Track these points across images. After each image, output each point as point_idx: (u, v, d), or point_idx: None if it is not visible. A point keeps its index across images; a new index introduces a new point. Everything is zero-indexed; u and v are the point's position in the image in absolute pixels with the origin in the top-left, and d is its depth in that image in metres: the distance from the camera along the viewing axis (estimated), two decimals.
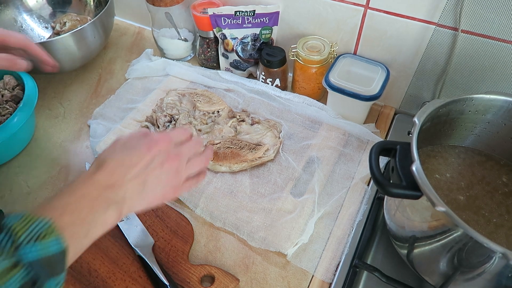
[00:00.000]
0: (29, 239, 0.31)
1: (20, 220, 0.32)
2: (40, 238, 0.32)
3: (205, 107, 0.74)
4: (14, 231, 0.31)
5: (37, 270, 0.31)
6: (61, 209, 0.36)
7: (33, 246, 0.31)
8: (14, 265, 0.30)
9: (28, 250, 0.31)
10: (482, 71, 0.62)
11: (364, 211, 0.60)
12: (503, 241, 0.45)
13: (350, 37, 0.71)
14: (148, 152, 0.43)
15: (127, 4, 0.95)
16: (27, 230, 0.32)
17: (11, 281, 0.30)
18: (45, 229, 0.32)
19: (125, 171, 0.41)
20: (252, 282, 0.55)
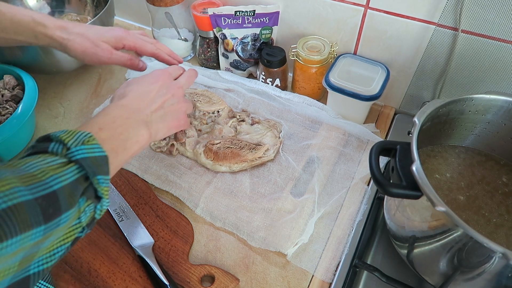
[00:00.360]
0: (76, 143, 0.36)
1: (65, 133, 0.37)
2: (85, 143, 0.36)
3: (205, 107, 0.74)
4: (62, 138, 0.36)
5: (86, 167, 0.36)
6: (98, 127, 0.41)
7: (80, 148, 0.36)
8: (68, 162, 0.35)
9: (77, 151, 0.36)
10: (482, 71, 0.62)
11: (364, 211, 0.60)
12: (503, 241, 0.45)
13: (350, 37, 0.71)
14: (156, 82, 0.51)
15: (127, 4, 0.95)
16: (73, 138, 0.36)
17: (66, 172, 0.34)
18: (88, 137, 0.37)
19: (145, 97, 0.49)
20: (252, 282, 0.55)
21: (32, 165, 0.33)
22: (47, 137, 0.37)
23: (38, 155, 0.35)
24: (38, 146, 0.36)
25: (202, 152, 0.67)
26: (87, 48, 0.57)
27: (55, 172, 0.34)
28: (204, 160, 0.66)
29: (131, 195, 0.63)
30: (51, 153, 0.36)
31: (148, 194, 0.63)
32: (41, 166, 0.33)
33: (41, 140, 0.37)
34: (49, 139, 0.37)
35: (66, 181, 0.34)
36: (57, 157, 0.35)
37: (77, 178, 0.35)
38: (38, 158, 0.34)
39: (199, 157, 0.67)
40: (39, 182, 0.32)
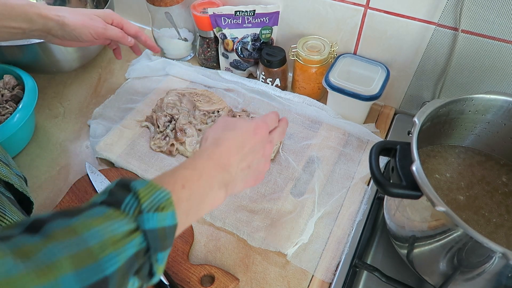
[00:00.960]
0: (150, 207, 0.32)
1: (145, 187, 0.33)
2: (160, 209, 0.32)
3: (205, 106, 0.74)
4: (139, 196, 0.32)
5: (151, 239, 0.31)
6: (182, 183, 0.37)
7: (153, 216, 0.32)
8: (135, 230, 0.31)
9: (148, 218, 0.31)
10: (482, 71, 0.62)
11: (364, 211, 0.60)
12: (503, 241, 0.45)
13: (350, 37, 0.71)
14: (254, 136, 0.46)
15: (127, 4, 0.95)
16: (150, 198, 0.32)
17: (130, 244, 0.30)
18: (164, 201, 0.33)
19: (237, 152, 0.43)
20: (252, 282, 0.55)
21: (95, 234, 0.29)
22: (127, 185, 0.33)
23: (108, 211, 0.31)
24: (115, 195, 0.33)
25: None
26: (84, 20, 0.60)
27: (115, 247, 0.29)
28: None
29: None
30: (123, 211, 0.31)
31: None
32: (105, 236, 0.29)
33: (121, 186, 0.33)
34: (128, 189, 0.33)
35: (124, 259, 0.29)
36: (125, 220, 0.31)
37: (137, 252, 0.31)
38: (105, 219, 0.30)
39: None
40: (93, 263, 0.28)
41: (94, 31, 0.61)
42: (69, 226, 0.28)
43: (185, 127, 0.70)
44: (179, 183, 0.37)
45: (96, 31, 0.61)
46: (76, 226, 0.29)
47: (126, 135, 0.71)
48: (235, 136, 0.44)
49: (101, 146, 0.69)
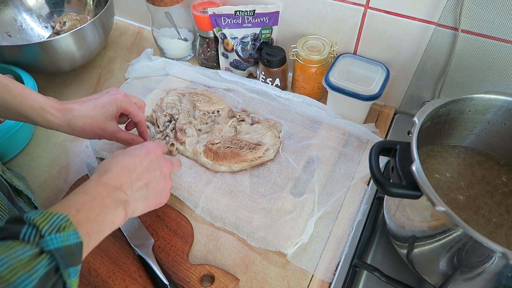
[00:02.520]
0: (51, 230, 0.33)
1: (41, 215, 0.34)
2: (60, 230, 0.34)
3: (205, 106, 0.74)
4: (36, 223, 0.33)
5: (58, 258, 0.33)
6: (76, 207, 0.38)
7: (55, 236, 0.33)
8: (40, 253, 0.32)
9: (51, 240, 0.33)
10: (482, 71, 0.62)
11: (364, 210, 0.60)
12: (503, 241, 0.45)
13: (350, 37, 0.71)
14: (147, 156, 0.48)
15: (127, 3, 0.95)
16: (48, 222, 0.34)
17: (37, 267, 0.32)
18: (64, 222, 0.34)
19: (129, 174, 0.45)
20: (252, 282, 0.55)
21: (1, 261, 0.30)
22: (20, 219, 0.34)
23: (7, 243, 0.32)
24: (9, 229, 0.33)
25: (202, 152, 0.67)
26: (95, 130, 0.57)
27: (25, 270, 0.31)
28: (204, 159, 0.66)
29: None
30: (23, 240, 0.32)
31: None
32: (11, 262, 0.30)
33: (13, 221, 0.34)
34: (22, 222, 0.34)
35: (36, 279, 0.31)
36: (28, 247, 0.32)
37: (47, 272, 0.32)
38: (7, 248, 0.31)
39: (199, 156, 0.67)
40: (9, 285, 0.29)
41: (103, 138, 0.60)
42: None
43: (185, 127, 0.70)
44: (73, 208, 0.38)
45: (105, 137, 0.60)
46: None
47: None
48: (123, 161, 0.46)
49: (101, 146, 0.69)
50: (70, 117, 0.55)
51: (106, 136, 0.59)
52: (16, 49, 0.72)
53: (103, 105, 0.57)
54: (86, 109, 0.56)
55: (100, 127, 0.57)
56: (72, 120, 0.55)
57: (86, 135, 0.57)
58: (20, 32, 0.89)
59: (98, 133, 0.58)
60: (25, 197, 0.54)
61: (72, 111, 0.55)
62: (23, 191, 0.52)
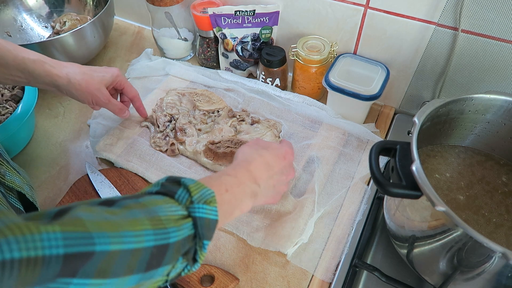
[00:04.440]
0: (200, 199, 0.37)
1: (194, 184, 0.38)
2: (207, 202, 0.37)
3: (205, 106, 0.74)
4: (190, 189, 0.37)
5: (199, 227, 0.36)
6: (226, 187, 0.42)
7: (202, 206, 0.37)
8: (187, 216, 0.36)
9: (198, 208, 0.36)
10: (482, 71, 0.62)
11: (364, 210, 0.60)
12: (502, 241, 0.45)
13: (350, 37, 0.71)
14: (284, 160, 0.52)
15: (127, 3, 0.95)
16: (199, 192, 0.37)
17: (185, 226, 0.35)
18: (210, 197, 0.38)
19: (268, 170, 0.49)
20: (252, 282, 0.55)
21: (161, 208, 0.34)
22: (178, 181, 0.38)
23: (164, 198, 0.36)
24: (167, 186, 0.37)
25: (202, 152, 0.67)
26: (90, 89, 0.60)
27: (176, 224, 0.34)
28: (204, 159, 0.66)
29: None
30: (176, 200, 0.36)
31: None
32: (167, 212, 0.34)
33: (172, 181, 0.38)
34: (179, 184, 0.38)
35: (181, 236, 0.34)
36: (179, 207, 0.36)
37: (188, 236, 0.35)
38: (165, 202, 0.36)
39: (198, 156, 0.67)
40: (164, 229, 0.33)
41: (95, 101, 0.62)
42: (139, 202, 0.34)
43: (185, 127, 0.70)
44: (223, 187, 0.42)
45: (97, 102, 0.62)
46: (144, 202, 0.34)
47: (126, 135, 0.71)
48: (266, 155, 0.50)
49: (101, 146, 0.69)
50: (69, 71, 0.58)
51: (100, 99, 0.62)
52: None
53: (100, 71, 0.62)
54: (84, 69, 0.60)
55: (96, 87, 0.60)
56: (71, 73, 0.58)
57: (80, 93, 0.59)
58: (20, 32, 0.89)
59: (93, 93, 0.60)
60: (16, 193, 0.54)
61: (71, 66, 0.59)
62: (14, 188, 0.52)
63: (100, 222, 0.30)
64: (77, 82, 0.58)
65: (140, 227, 0.32)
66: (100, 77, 0.61)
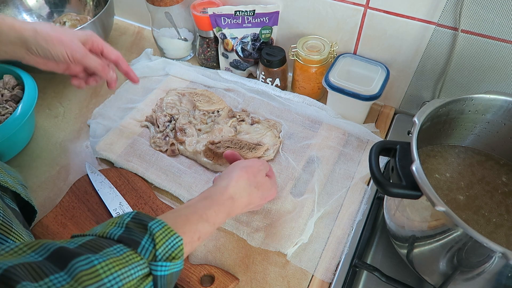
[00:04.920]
0: (164, 255, 0.35)
1: (161, 230, 0.36)
2: (171, 259, 0.35)
3: (205, 106, 0.74)
4: (155, 240, 0.35)
5: (160, 284, 0.34)
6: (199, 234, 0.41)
7: (166, 264, 0.34)
8: (148, 275, 0.34)
9: (161, 266, 0.34)
10: (482, 71, 0.62)
11: (364, 210, 0.60)
12: (502, 241, 0.45)
13: (350, 37, 0.71)
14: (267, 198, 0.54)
15: (127, 3, 0.95)
16: (165, 243, 0.35)
17: None
18: (176, 248, 0.36)
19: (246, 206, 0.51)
20: (252, 282, 0.55)
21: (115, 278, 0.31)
22: (145, 224, 0.36)
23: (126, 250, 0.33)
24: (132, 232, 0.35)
25: (201, 152, 0.67)
26: (62, 37, 0.54)
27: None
28: (204, 159, 0.66)
29: (131, 195, 0.63)
30: (138, 254, 0.34)
31: (148, 193, 0.63)
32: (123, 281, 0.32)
33: (138, 222, 0.36)
34: (145, 228, 0.35)
35: None
36: (140, 263, 0.33)
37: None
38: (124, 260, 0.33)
39: (198, 156, 0.67)
40: None
41: (70, 52, 0.54)
42: (94, 267, 0.31)
43: (185, 127, 0.70)
44: (197, 235, 0.41)
45: (73, 54, 0.54)
46: (99, 268, 0.31)
47: (126, 135, 0.71)
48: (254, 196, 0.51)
49: (101, 146, 0.69)
50: (36, 24, 0.53)
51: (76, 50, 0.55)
52: None
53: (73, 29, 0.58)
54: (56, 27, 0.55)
55: (69, 38, 0.54)
56: (38, 25, 0.53)
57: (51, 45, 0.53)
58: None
59: (66, 43, 0.54)
60: (10, 193, 0.53)
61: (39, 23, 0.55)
62: (8, 188, 0.52)
63: None
64: (45, 32, 0.53)
65: None
66: (72, 32, 0.56)
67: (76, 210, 0.61)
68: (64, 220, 0.60)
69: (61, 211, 0.61)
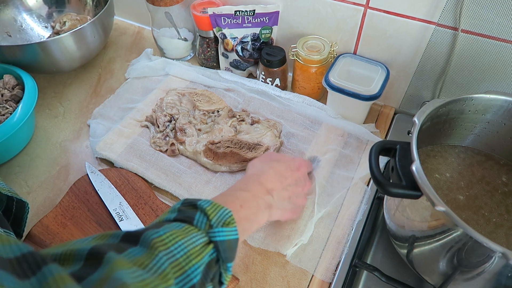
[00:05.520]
0: (218, 222, 0.37)
1: (210, 205, 0.37)
2: (226, 224, 0.37)
3: (205, 106, 0.74)
4: (207, 212, 0.37)
5: (221, 251, 0.36)
6: (239, 203, 0.42)
7: (222, 230, 0.36)
8: (208, 242, 0.36)
9: (218, 232, 0.36)
10: (482, 71, 0.62)
11: (364, 211, 0.60)
12: (502, 241, 0.45)
13: (350, 37, 0.71)
14: (297, 171, 0.52)
15: (127, 3, 0.95)
16: (216, 214, 0.37)
17: (206, 254, 0.35)
18: (228, 217, 0.37)
19: (281, 181, 0.49)
20: (252, 282, 0.55)
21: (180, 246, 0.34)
22: (194, 204, 0.38)
23: (184, 226, 0.36)
24: (184, 212, 0.37)
25: (201, 152, 0.67)
26: None
27: (197, 259, 0.34)
28: (204, 159, 0.66)
29: (131, 195, 0.63)
30: (195, 226, 0.36)
31: (148, 193, 0.63)
32: (188, 248, 0.34)
33: (188, 205, 0.38)
34: (195, 207, 0.38)
35: (203, 268, 0.34)
36: (199, 234, 0.35)
37: (210, 261, 0.35)
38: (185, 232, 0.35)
39: (198, 156, 0.67)
40: (184, 273, 0.33)
41: None
42: (160, 236, 0.33)
43: (185, 127, 0.70)
44: (238, 203, 0.42)
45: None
46: (165, 238, 0.33)
47: (126, 135, 0.71)
48: (279, 166, 0.50)
49: (101, 145, 0.69)
50: None
51: None
52: (16, 49, 0.72)
53: None
54: None
55: None
56: None
57: None
58: (20, 32, 0.89)
59: None
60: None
61: None
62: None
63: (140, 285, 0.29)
64: None
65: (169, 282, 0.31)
66: None
67: (76, 210, 0.61)
68: (64, 220, 0.60)
69: (61, 211, 0.61)
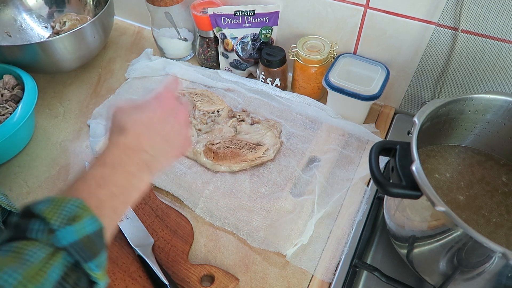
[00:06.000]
0: (61, 223, 0.30)
1: (50, 205, 0.31)
2: (72, 220, 0.30)
3: (205, 106, 0.74)
4: (45, 216, 0.30)
5: (75, 253, 0.30)
6: (96, 182, 0.35)
7: (67, 229, 0.30)
8: (54, 252, 0.29)
9: (62, 235, 0.29)
10: (482, 71, 0.62)
11: (363, 211, 0.60)
12: (502, 241, 0.45)
13: (350, 37, 0.71)
14: (160, 107, 0.43)
15: (127, 3, 0.95)
16: (58, 212, 0.30)
17: (53, 268, 0.28)
18: (76, 210, 0.31)
19: (147, 129, 0.40)
20: (252, 282, 0.55)
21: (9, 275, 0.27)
22: (30, 211, 0.30)
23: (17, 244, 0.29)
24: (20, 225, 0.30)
25: (202, 152, 0.67)
26: None
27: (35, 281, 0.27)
28: (204, 159, 0.66)
29: None
30: (35, 239, 0.29)
31: (147, 193, 0.63)
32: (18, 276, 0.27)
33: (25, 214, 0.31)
34: (31, 215, 0.30)
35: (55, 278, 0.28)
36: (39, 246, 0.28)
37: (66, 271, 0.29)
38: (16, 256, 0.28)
39: (198, 156, 0.67)
40: None
41: None
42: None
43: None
44: (93, 184, 0.35)
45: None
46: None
47: None
48: (137, 115, 0.41)
49: (101, 146, 0.69)
50: None
51: None
52: (16, 49, 0.72)
53: None
54: None
55: None
56: None
57: None
58: (20, 32, 0.89)
59: None
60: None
61: None
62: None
63: None
64: None
65: None
66: None
67: None
68: None
69: None
